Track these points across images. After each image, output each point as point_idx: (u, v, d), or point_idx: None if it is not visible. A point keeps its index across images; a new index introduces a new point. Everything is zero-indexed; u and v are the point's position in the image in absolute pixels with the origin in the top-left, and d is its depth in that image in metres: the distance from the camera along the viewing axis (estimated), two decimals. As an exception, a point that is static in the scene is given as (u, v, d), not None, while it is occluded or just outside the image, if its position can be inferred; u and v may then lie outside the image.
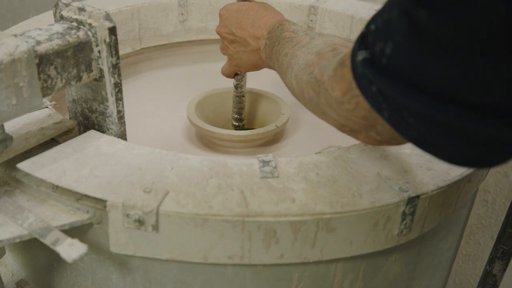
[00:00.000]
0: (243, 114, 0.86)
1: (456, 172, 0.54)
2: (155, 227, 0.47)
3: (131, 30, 0.94)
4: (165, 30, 0.98)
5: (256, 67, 0.73)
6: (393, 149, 0.56)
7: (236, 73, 0.79)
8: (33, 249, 0.58)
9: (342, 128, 0.46)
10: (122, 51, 0.94)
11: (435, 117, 0.33)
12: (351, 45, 0.42)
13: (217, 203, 0.47)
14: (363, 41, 0.37)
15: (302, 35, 0.59)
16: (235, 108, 0.85)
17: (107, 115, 0.56)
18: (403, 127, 0.36)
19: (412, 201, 0.50)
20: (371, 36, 0.36)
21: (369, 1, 1.04)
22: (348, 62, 0.40)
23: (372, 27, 0.36)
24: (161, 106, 0.92)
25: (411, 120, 0.35)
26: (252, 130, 0.79)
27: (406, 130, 0.36)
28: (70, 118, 0.61)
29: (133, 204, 0.46)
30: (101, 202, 0.47)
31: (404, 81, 0.33)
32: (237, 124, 0.86)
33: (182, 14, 0.98)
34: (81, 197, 0.49)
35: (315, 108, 0.49)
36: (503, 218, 0.85)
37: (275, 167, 0.52)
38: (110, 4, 0.93)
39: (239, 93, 0.83)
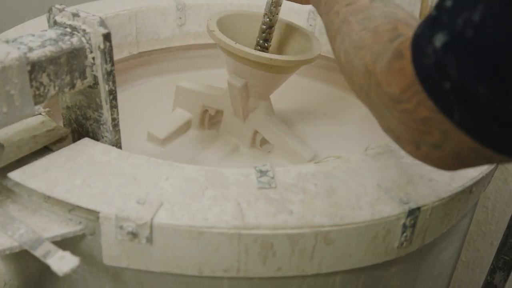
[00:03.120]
0: (269, 43, 0.76)
1: (458, 183, 0.53)
2: (149, 240, 0.45)
3: (128, 34, 0.93)
4: (162, 34, 0.97)
5: None
6: (394, 160, 0.55)
7: None
8: (26, 259, 0.57)
9: (391, 133, 0.39)
10: (119, 56, 0.93)
11: None
12: (414, 25, 0.36)
13: (213, 215, 0.46)
14: (434, 24, 0.31)
15: None
16: (261, 34, 0.75)
17: (102, 122, 0.55)
18: (483, 133, 0.30)
19: (413, 213, 0.49)
20: (448, 13, 0.29)
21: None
22: (407, 53, 0.33)
23: (448, 2, 0.30)
24: (158, 112, 0.90)
25: (495, 128, 0.29)
26: (282, 56, 0.70)
27: (486, 137, 0.30)
28: (64, 125, 0.59)
29: (126, 216, 0.45)
30: (94, 213, 0.46)
31: (495, 61, 0.27)
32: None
33: (180, 18, 0.97)
34: (73, 208, 0.47)
35: (365, 99, 0.41)
36: (503, 225, 0.84)
37: (272, 177, 0.51)
38: (107, 8, 0.91)
39: (270, 20, 0.74)
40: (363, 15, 0.45)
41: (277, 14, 0.74)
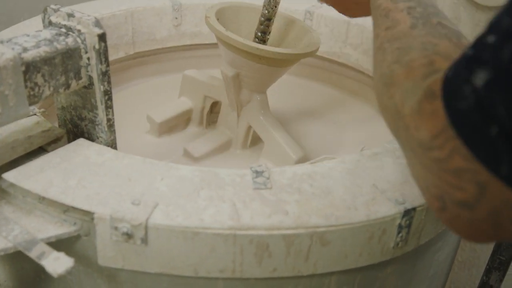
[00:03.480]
0: (267, 36, 0.75)
1: (453, 183, 0.53)
2: (144, 240, 0.45)
3: (124, 34, 0.92)
4: (159, 34, 0.97)
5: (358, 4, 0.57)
6: (390, 160, 0.55)
7: None
8: (20, 260, 0.56)
9: (418, 183, 0.34)
10: (115, 56, 0.93)
11: None
12: (456, 54, 0.31)
13: (208, 215, 0.45)
14: (472, 62, 0.27)
15: (402, 10, 0.43)
16: (259, 26, 0.74)
17: (97, 123, 0.55)
18: None
19: (408, 213, 0.49)
20: (491, 48, 0.27)
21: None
22: (439, 93, 0.30)
23: (490, 38, 0.27)
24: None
25: None
26: (271, 47, 0.68)
27: None
28: (59, 126, 0.59)
29: (121, 217, 0.44)
30: (89, 214, 0.46)
31: None
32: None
33: (176, 18, 0.97)
34: (68, 208, 0.47)
35: (395, 136, 0.38)
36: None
37: (268, 178, 0.51)
38: (103, 8, 0.91)
39: (268, 12, 0.72)
40: (399, 44, 0.40)
41: (275, 6, 0.72)
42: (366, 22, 0.93)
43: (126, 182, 0.49)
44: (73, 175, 0.49)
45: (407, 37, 0.40)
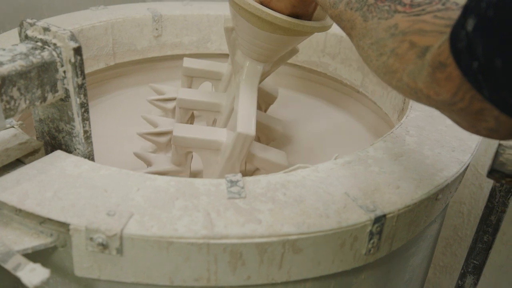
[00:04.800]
0: None
1: (423, 190, 0.54)
2: (120, 251, 0.46)
3: (104, 45, 0.93)
4: (139, 45, 0.98)
5: None
6: (362, 168, 0.57)
7: None
8: (-1, 271, 0.57)
9: (451, 119, 0.42)
10: (95, 67, 0.94)
11: None
12: (429, 27, 0.39)
13: (182, 225, 0.46)
14: (466, 11, 0.34)
15: (346, 10, 0.49)
16: None
17: (74, 135, 0.56)
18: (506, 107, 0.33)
19: (379, 220, 0.50)
20: None
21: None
22: (449, 61, 0.36)
23: None
24: (135, 122, 0.91)
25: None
26: (261, 5, 0.62)
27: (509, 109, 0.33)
28: (37, 138, 0.60)
29: (96, 227, 0.45)
30: (65, 225, 0.47)
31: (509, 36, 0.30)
32: None
33: (156, 29, 0.98)
34: (44, 220, 0.48)
35: (418, 102, 0.44)
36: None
37: (242, 187, 0.52)
38: (83, 19, 0.92)
39: None
40: (369, 39, 0.46)
41: None
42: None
43: (102, 193, 0.50)
44: (50, 187, 0.50)
45: (370, 31, 0.46)
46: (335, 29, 0.95)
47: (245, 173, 0.76)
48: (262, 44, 0.67)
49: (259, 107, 0.85)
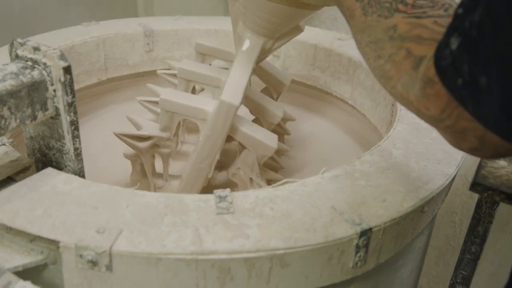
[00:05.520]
0: None
1: (409, 203, 0.55)
2: (109, 267, 0.47)
3: (96, 60, 0.94)
4: (131, 60, 0.99)
5: None
6: (349, 182, 0.58)
7: None
8: (-10, 288, 0.57)
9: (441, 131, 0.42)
10: (87, 82, 0.95)
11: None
12: (427, 33, 0.40)
13: (170, 241, 0.47)
14: (451, 31, 0.35)
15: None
16: None
17: (64, 152, 0.56)
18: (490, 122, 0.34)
19: (365, 233, 0.51)
20: (459, 18, 0.34)
21: (332, 30, 1.07)
22: (436, 78, 0.37)
23: (459, 10, 0.34)
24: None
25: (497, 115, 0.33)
26: None
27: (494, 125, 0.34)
28: (28, 155, 0.60)
29: (86, 245, 0.46)
30: (55, 243, 0.47)
31: (491, 55, 0.31)
32: None
33: (148, 44, 0.99)
34: (34, 238, 0.48)
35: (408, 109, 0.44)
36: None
37: (231, 203, 0.52)
38: (75, 35, 0.93)
39: None
40: (367, 37, 0.45)
41: None
42: (333, 45, 0.96)
43: (92, 210, 0.50)
44: (40, 205, 0.51)
45: (369, 28, 0.45)
46: (325, 43, 0.97)
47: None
48: (265, 15, 0.65)
49: (270, 95, 0.82)
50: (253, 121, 0.76)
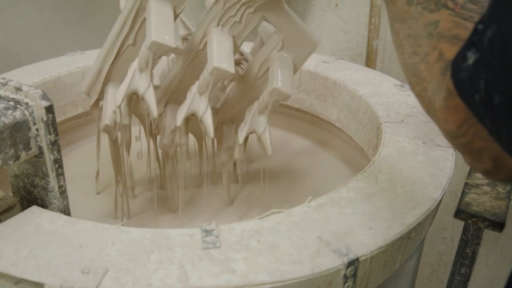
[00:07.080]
0: None
1: (396, 230, 0.55)
2: (95, 308, 0.46)
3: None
4: (117, 88, 0.99)
5: None
6: (335, 210, 0.58)
7: None
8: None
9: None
10: (73, 112, 0.95)
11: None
12: (466, 35, 0.37)
13: (157, 279, 0.47)
14: (469, 44, 0.34)
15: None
16: None
17: (49, 190, 0.56)
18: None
19: (352, 263, 0.51)
20: (478, 34, 0.33)
21: (317, 53, 1.07)
22: (455, 91, 0.36)
23: (480, 26, 0.33)
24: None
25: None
26: None
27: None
28: (13, 193, 0.60)
29: (70, 286, 0.45)
30: (40, 285, 0.47)
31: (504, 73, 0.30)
32: None
33: (133, 72, 0.99)
34: (19, 280, 0.48)
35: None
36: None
37: (217, 237, 0.52)
38: (60, 66, 0.93)
39: None
40: (407, 29, 0.44)
41: None
42: (318, 68, 0.97)
43: (77, 249, 0.50)
44: (24, 246, 0.50)
45: (410, 19, 0.44)
46: (309, 66, 0.97)
47: None
48: None
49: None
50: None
